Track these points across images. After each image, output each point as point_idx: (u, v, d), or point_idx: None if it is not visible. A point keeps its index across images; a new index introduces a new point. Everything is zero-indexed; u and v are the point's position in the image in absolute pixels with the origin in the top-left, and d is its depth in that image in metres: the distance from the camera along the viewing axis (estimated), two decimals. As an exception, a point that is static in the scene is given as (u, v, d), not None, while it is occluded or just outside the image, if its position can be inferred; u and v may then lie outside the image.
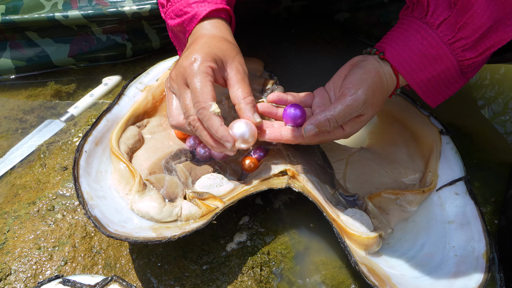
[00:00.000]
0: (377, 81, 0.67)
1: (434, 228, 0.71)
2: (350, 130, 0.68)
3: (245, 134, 0.65)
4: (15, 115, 0.95)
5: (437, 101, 0.72)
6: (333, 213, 0.68)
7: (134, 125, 0.79)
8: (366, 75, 0.66)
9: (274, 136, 0.68)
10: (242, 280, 0.67)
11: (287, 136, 0.68)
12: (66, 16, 0.94)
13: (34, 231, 0.72)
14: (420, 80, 0.68)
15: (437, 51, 0.65)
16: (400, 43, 0.67)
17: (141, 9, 0.95)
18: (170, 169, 0.73)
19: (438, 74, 0.67)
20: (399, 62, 0.67)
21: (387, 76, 0.68)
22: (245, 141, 0.66)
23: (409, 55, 0.66)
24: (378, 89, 0.67)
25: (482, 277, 0.63)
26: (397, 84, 0.70)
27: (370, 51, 0.70)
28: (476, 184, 0.81)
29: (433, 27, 0.64)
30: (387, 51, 0.68)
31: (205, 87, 0.64)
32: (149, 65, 0.90)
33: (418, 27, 0.65)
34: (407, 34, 0.66)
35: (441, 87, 0.70)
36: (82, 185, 0.66)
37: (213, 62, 0.66)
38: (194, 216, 0.67)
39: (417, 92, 0.70)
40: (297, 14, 1.10)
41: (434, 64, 0.66)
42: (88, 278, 0.60)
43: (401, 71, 0.67)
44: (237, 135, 0.65)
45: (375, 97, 0.67)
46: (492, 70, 1.07)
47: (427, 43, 0.65)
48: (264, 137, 0.68)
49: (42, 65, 1.01)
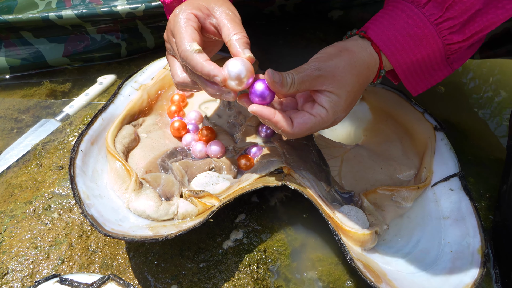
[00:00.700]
0: (344, 55, 0.62)
1: (429, 224, 0.72)
2: (330, 107, 0.62)
3: (241, 73, 0.59)
4: (11, 114, 0.95)
5: (419, 88, 0.69)
6: (329, 210, 0.68)
7: (130, 124, 0.79)
8: (331, 48, 0.63)
9: (268, 113, 0.61)
10: (239, 277, 0.68)
11: (277, 119, 0.61)
12: (60, 16, 0.94)
13: (31, 230, 0.72)
14: (404, 62, 0.64)
15: (423, 31, 0.62)
16: (385, 22, 0.63)
17: (135, 9, 0.95)
18: (166, 168, 0.74)
19: (422, 58, 0.64)
20: (382, 41, 0.63)
21: (364, 54, 0.64)
22: (241, 81, 0.59)
23: (394, 34, 0.63)
24: (346, 62, 0.62)
25: (477, 272, 0.64)
26: (380, 65, 0.65)
27: (351, 33, 0.67)
28: (471, 180, 0.81)
29: (419, 6, 0.61)
30: (370, 30, 0.64)
31: (185, 32, 0.62)
32: (144, 64, 0.90)
33: (404, 7, 0.62)
34: (392, 14, 0.63)
35: (424, 73, 0.67)
36: (78, 184, 0.66)
37: (196, 9, 0.64)
38: (191, 214, 0.68)
39: (399, 76, 0.66)
40: (291, 12, 1.10)
41: (419, 46, 0.63)
42: (85, 276, 0.60)
43: (384, 50, 0.63)
44: (231, 75, 0.59)
45: (340, 69, 0.61)
46: (486, 67, 1.08)
47: (413, 22, 0.62)
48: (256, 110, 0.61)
49: (36, 64, 1.01)
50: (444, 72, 0.68)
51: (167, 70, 0.87)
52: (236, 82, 0.60)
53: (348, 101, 0.63)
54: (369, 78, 0.66)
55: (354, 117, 0.88)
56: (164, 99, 0.86)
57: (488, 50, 0.87)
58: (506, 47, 0.84)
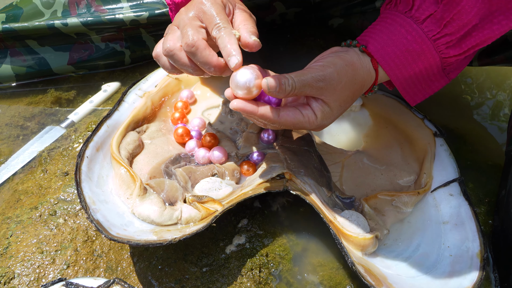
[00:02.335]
0: (348, 71, 0.62)
1: (429, 228, 0.72)
2: (320, 116, 0.63)
3: (250, 82, 0.59)
4: (16, 122, 0.96)
5: (417, 99, 0.70)
6: (330, 215, 0.69)
7: (134, 130, 0.80)
8: (338, 60, 0.62)
9: (251, 108, 0.60)
10: (241, 281, 0.69)
11: (262, 112, 0.60)
12: (66, 24, 0.95)
13: (37, 235, 0.73)
14: (403, 76, 0.66)
15: (421, 47, 0.63)
16: (384, 36, 0.64)
17: (139, 16, 0.96)
18: (169, 174, 0.75)
19: (420, 71, 0.65)
20: (382, 56, 0.64)
21: (364, 70, 0.64)
22: (249, 91, 0.60)
23: (393, 50, 0.63)
24: (348, 79, 0.62)
25: (476, 276, 0.64)
26: (375, 81, 0.66)
27: (351, 43, 0.66)
28: (470, 185, 0.82)
29: (418, 22, 0.62)
30: (370, 44, 0.64)
31: (224, 14, 0.64)
32: (148, 71, 0.91)
33: (402, 21, 0.63)
34: (391, 28, 0.64)
35: (422, 84, 0.68)
36: (84, 190, 0.67)
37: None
38: (194, 219, 0.69)
39: (398, 88, 0.68)
40: (292, 20, 1.11)
41: (417, 61, 0.64)
42: (90, 280, 0.61)
43: (384, 66, 0.64)
44: (240, 84, 0.59)
45: (342, 84, 0.62)
46: (485, 73, 1.09)
47: (412, 38, 0.63)
48: (238, 105, 0.60)
49: (42, 72, 1.03)
50: (441, 82, 0.69)
51: (170, 77, 0.89)
52: (244, 91, 0.60)
53: (338, 113, 0.65)
54: (361, 93, 0.68)
55: (355, 123, 0.89)
56: (168, 106, 0.88)
57: (486, 58, 0.88)
58: (504, 54, 0.85)
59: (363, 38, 0.66)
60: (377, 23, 0.67)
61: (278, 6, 1.05)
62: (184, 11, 0.66)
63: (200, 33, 0.63)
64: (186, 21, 0.63)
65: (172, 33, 0.66)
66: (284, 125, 0.63)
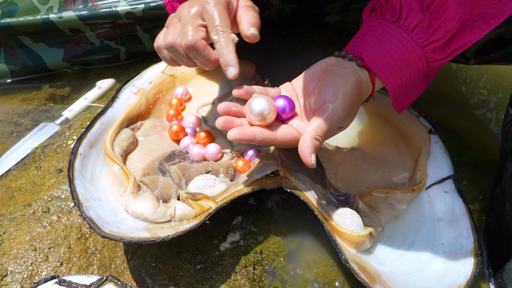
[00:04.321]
0: (356, 93, 0.64)
1: (423, 225, 0.73)
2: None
3: (264, 111, 0.63)
4: (10, 118, 0.96)
5: (403, 106, 0.71)
6: (324, 212, 0.69)
7: (128, 127, 0.80)
8: (348, 87, 0.63)
9: (247, 136, 0.62)
10: (235, 279, 0.68)
11: (260, 137, 0.63)
12: (61, 17, 0.95)
13: (30, 232, 0.73)
14: (396, 84, 0.66)
15: (412, 54, 0.64)
16: (377, 48, 0.65)
17: (134, 9, 0.96)
18: (163, 171, 0.74)
19: (409, 77, 0.66)
20: (378, 67, 0.65)
21: (365, 86, 0.66)
22: (263, 118, 0.64)
23: (388, 60, 0.64)
24: (356, 100, 0.64)
25: (470, 273, 0.64)
26: (372, 92, 0.68)
27: (346, 55, 0.67)
28: (464, 182, 0.82)
29: (408, 31, 0.63)
30: (366, 57, 0.65)
31: (227, 16, 0.65)
32: (143, 68, 0.90)
33: (393, 31, 0.64)
34: (383, 39, 0.65)
35: (408, 91, 0.69)
36: (77, 187, 0.67)
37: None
38: (188, 217, 0.68)
39: (391, 97, 0.68)
40: (288, 16, 1.11)
41: (408, 67, 0.65)
42: (83, 278, 0.61)
43: (380, 77, 0.65)
44: (255, 112, 0.63)
45: (354, 109, 0.65)
46: (479, 71, 1.09)
47: (403, 47, 0.64)
48: (235, 136, 0.62)
49: (37, 68, 1.02)
50: (423, 86, 0.70)
51: (165, 74, 0.88)
52: (258, 118, 0.64)
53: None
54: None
55: (350, 120, 0.89)
56: (162, 103, 0.87)
57: (482, 56, 0.88)
58: (501, 52, 0.85)
59: (356, 50, 0.67)
60: (366, 32, 0.67)
61: (275, 1, 1.05)
62: (188, 5, 0.67)
63: (199, 33, 0.64)
64: (188, 19, 0.65)
65: (174, 26, 0.67)
66: (281, 145, 0.66)
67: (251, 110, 0.64)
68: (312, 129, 0.61)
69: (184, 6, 0.67)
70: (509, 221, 0.68)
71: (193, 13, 0.65)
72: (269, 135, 0.64)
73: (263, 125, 0.64)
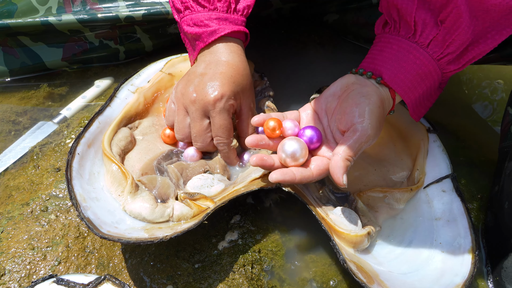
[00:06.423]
0: (381, 111, 0.66)
1: (421, 225, 0.73)
2: None
3: (296, 152, 0.66)
4: (8, 117, 0.96)
5: (421, 114, 0.73)
6: (322, 212, 0.69)
7: (126, 126, 0.80)
8: (373, 106, 0.64)
9: (289, 177, 0.65)
10: (233, 278, 0.69)
11: (299, 177, 0.66)
12: (60, 19, 0.95)
13: (28, 231, 0.73)
14: (414, 97, 0.68)
15: (428, 68, 0.66)
16: (395, 65, 0.66)
17: (134, 14, 0.96)
18: (161, 170, 0.74)
19: (427, 89, 0.68)
20: (398, 84, 0.66)
21: (386, 102, 0.68)
22: (295, 159, 0.67)
23: (406, 76, 0.66)
24: (382, 117, 0.66)
25: (468, 273, 0.64)
26: (392, 107, 0.70)
27: (364, 73, 0.68)
28: (462, 181, 0.82)
29: (424, 46, 0.65)
30: (385, 75, 0.67)
31: (229, 124, 0.73)
32: (141, 66, 0.90)
33: (409, 47, 0.66)
34: (400, 56, 0.66)
35: (425, 101, 0.71)
36: (75, 187, 0.67)
37: (234, 99, 0.73)
38: (186, 217, 0.68)
39: (409, 109, 0.70)
40: (287, 15, 1.11)
41: (425, 80, 0.67)
42: (81, 277, 0.61)
43: (400, 92, 0.67)
44: (288, 153, 0.66)
45: (380, 126, 0.66)
46: (479, 70, 1.08)
47: (420, 63, 0.65)
48: (278, 178, 0.65)
49: (35, 67, 1.02)
50: (437, 93, 0.72)
51: (163, 72, 0.88)
52: (290, 159, 0.67)
53: None
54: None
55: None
56: (161, 102, 0.87)
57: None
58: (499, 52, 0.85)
59: (374, 68, 0.68)
60: (382, 49, 0.69)
61: (275, 1, 1.04)
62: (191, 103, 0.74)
63: (210, 143, 0.76)
64: (199, 129, 0.74)
65: (182, 121, 0.76)
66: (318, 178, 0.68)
67: (284, 152, 0.67)
68: (343, 150, 0.63)
69: (194, 101, 0.74)
70: (507, 220, 0.69)
71: (204, 124, 0.74)
72: (306, 173, 0.66)
73: (295, 165, 0.67)
